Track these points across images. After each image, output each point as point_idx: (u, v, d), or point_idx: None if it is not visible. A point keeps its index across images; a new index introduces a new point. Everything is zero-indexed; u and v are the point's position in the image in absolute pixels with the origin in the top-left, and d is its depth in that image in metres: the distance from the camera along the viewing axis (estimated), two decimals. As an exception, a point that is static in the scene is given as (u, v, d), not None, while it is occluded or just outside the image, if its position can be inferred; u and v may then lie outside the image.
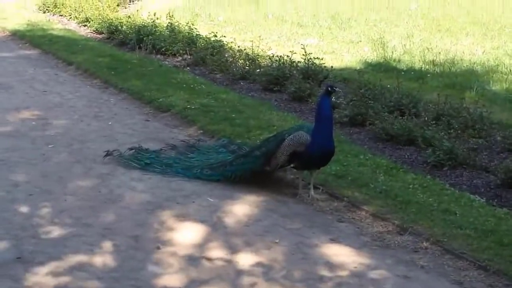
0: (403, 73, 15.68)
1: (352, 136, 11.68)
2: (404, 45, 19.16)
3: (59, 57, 18.17)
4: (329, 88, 8.93)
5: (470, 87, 14.52)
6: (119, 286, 6.66)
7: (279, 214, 8.56)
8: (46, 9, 26.46)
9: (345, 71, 16.13)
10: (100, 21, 22.09)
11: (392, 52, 18.26)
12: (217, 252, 7.46)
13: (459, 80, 15.23)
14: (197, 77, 15.89)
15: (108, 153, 10.26)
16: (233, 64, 16.27)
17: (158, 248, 7.48)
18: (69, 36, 21.25)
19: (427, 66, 16.79)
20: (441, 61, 17.16)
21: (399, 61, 17.45)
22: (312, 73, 14.77)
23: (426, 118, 11.73)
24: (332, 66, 15.31)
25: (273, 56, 15.91)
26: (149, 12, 20.91)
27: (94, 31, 22.35)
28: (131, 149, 10.39)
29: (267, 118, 12.26)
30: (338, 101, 12.86)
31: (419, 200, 8.76)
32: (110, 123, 12.31)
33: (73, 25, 23.74)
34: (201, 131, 11.76)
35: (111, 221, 8.15)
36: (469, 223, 8.08)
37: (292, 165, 9.27)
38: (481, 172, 10.01)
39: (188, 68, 16.99)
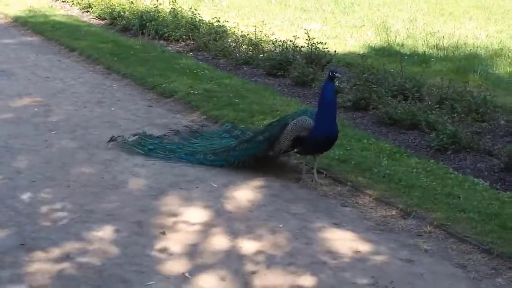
0: (406, 57, 15.65)
1: (356, 120, 11.67)
2: (408, 29, 19.13)
3: (61, 43, 18.11)
4: (330, 73, 8.90)
5: (473, 71, 14.52)
6: (123, 272, 6.66)
7: (283, 199, 8.55)
8: (49, -5, 26.40)
9: (349, 56, 16.10)
10: (103, 7, 22.00)
11: (396, 36, 18.23)
12: (221, 237, 7.46)
13: (462, 64, 15.22)
14: (200, 62, 15.85)
15: (112, 139, 10.25)
16: (236, 49, 16.24)
17: (164, 233, 7.48)
18: (71, 22, 21.19)
19: (430, 50, 16.78)
20: (444, 45, 17.13)
21: (402, 45, 17.43)
22: (315, 58, 14.75)
23: (429, 102, 11.73)
24: (335, 51, 15.30)
25: (276, 41, 15.90)
26: (151, -2, 20.87)
27: (96, 17, 22.26)
28: (135, 135, 10.38)
29: (271, 103, 12.24)
30: (341, 86, 12.84)
31: (423, 184, 8.76)
32: (113, 109, 12.28)
33: (75, 11, 23.66)
34: (204, 117, 11.74)
35: (114, 207, 8.14)
36: (472, 206, 8.08)
37: (295, 150, 9.26)
38: (485, 155, 10.00)
39: (191, 53, 16.95)
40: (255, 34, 16.87)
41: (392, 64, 14.30)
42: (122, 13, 20.59)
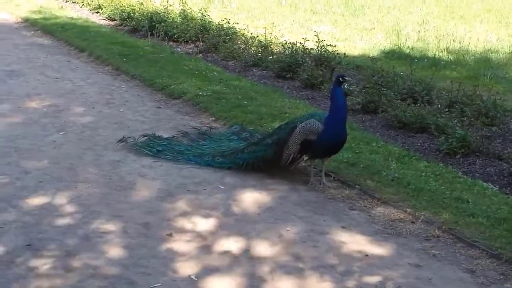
0: (416, 60, 15.60)
1: (365, 123, 11.64)
2: (418, 32, 19.08)
3: (71, 44, 18.16)
4: (340, 78, 8.86)
5: (484, 75, 14.45)
6: (130, 273, 6.63)
7: (291, 202, 8.52)
8: (59, -4, 26.44)
9: (358, 59, 16.09)
10: (113, 8, 22.08)
11: (406, 39, 18.19)
12: (228, 240, 7.42)
13: (472, 68, 15.17)
14: (209, 64, 15.86)
15: (122, 140, 10.24)
16: (246, 51, 16.24)
17: (171, 235, 7.45)
18: (81, 23, 21.23)
19: (440, 54, 16.72)
20: (455, 48, 17.08)
21: (412, 48, 17.39)
22: (324, 60, 14.73)
23: (439, 106, 11.70)
24: (345, 53, 15.25)
25: (285, 43, 15.86)
26: (161, -1, 20.89)
27: (106, 18, 22.34)
28: (144, 136, 10.37)
29: (279, 105, 12.22)
30: (350, 88, 12.81)
31: (432, 188, 8.71)
32: (121, 110, 12.28)
33: (85, 12, 23.72)
34: (213, 118, 11.73)
35: (122, 208, 8.12)
36: (481, 211, 8.03)
37: (305, 157, 9.18)
38: (494, 160, 9.95)
39: (200, 55, 16.96)
40: (265, 36, 16.88)
41: (402, 67, 14.27)
42: (132, 14, 20.66)
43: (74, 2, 25.36)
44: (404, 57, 16.08)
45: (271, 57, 15.66)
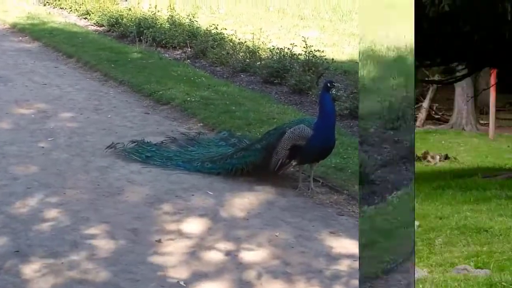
0: (404, 65, 15.60)
1: (353, 128, 11.66)
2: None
3: (59, 50, 18.10)
4: (328, 84, 8.88)
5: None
6: (118, 280, 6.61)
7: (279, 207, 8.52)
8: (47, 2, 26.28)
9: (346, 64, 16.12)
10: (101, 14, 22.04)
11: (393, 44, 18.21)
12: (217, 245, 7.42)
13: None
14: (197, 69, 15.86)
15: (111, 146, 10.22)
16: (234, 57, 16.24)
17: (160, 241, 7.44)
18: (69, 29, 21.17)
19: (428, 59, 16.75)
20: (442, 53, 17.12)
21: (400, 53, 17.40)
22: (312, 66, 14.74)
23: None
24: (333, 59, 15.27)
25: (273, 48, 15.88)
26: (150, 5, 20.88)
27: (94, 23, 22.30)
28: (133, 142, 10.36)
29: (267, 111, 12.23)
30: (338, 94, 12.82)
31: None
32: (109, 116, 12.25)
33: (73, 18, 23.66)
34: (201, 124, 11.72)
35: (110, 214, 8.10)
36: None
37: (294, 163, 9.17)
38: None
39: (188, 60, 16.95)
40: (253, 41, 16.89)
41: (390, 72, 14.28)
42: (120, 20, 20.63)
43: (62, 8, 25.29)
44: (392, 63, 16.09)
45: (259, 62, 15.66)
